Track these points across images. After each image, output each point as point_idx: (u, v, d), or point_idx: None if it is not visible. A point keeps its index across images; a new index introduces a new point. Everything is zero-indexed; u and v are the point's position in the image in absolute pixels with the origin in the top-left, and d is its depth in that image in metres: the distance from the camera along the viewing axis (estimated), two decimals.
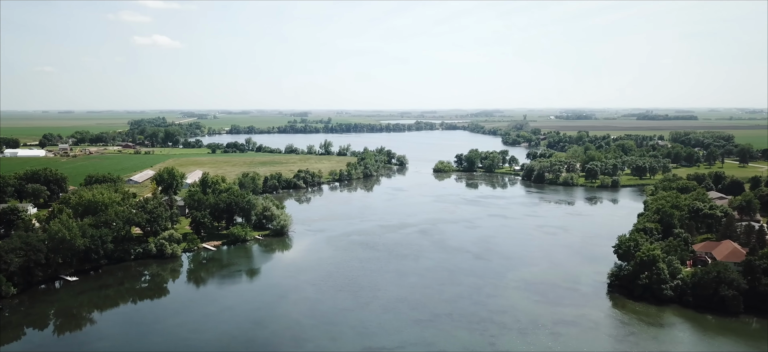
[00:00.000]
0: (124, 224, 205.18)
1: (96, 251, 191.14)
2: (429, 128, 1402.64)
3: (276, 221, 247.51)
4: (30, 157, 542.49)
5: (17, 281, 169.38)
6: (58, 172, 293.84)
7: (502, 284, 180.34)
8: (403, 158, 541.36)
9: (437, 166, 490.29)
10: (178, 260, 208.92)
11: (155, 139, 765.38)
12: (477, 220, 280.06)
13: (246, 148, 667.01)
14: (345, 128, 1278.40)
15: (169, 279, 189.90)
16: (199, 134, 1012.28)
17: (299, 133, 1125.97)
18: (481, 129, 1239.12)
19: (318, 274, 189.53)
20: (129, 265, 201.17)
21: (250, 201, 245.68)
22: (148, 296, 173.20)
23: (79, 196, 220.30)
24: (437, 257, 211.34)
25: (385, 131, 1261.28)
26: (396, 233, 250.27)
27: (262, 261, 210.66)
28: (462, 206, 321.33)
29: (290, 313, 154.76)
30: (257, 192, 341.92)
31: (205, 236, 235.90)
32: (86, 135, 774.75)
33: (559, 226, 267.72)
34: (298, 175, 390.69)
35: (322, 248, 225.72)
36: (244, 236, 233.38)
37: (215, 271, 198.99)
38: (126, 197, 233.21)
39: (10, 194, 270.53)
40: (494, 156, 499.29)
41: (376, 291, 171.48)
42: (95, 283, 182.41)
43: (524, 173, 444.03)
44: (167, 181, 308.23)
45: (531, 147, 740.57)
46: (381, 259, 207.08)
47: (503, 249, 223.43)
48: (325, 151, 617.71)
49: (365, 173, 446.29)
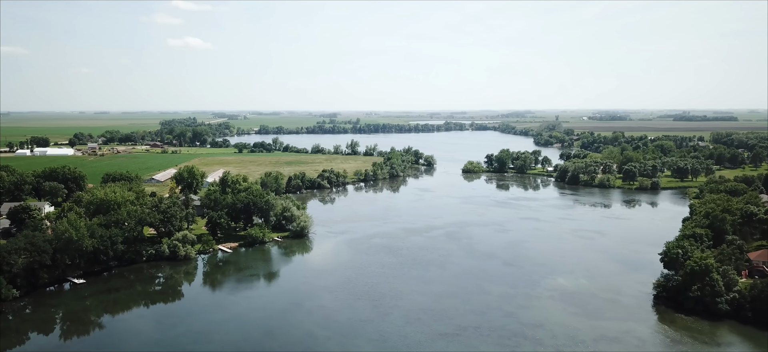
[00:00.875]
0: (136, 224, 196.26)
1: (105, 253, 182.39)
2: (458, 129, 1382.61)
3: (296, 223, 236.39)
4: (58, 156, 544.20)
5: (21, 284, 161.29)
6: (76, 171, 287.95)
7: (536, 293, 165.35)
8: (431, 158, 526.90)
9: (466, 167, 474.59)
10: (192, 262, 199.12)
11: (183, 139, 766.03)
12: (508, 223, 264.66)
13: (273, 147, 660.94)
14: (373, 129, 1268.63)
15: (179, 283, 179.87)
16: (227, 134, 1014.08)
17: (327, 134, 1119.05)
18: (512, 130, 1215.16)
19: (336, 279, 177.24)
20: (140, 267, 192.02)
21: (269, 201, 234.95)
22: (154, 301, 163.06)
23: (91, 194, 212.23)
24: (465, 262, 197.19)
25: (413, 132, 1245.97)
26: (421, 236, 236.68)
27: (278, 265, 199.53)
28: (492, 208, 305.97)
29: (304, 323, 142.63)
30: (280, 192, 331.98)
31: (222, 237, 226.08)
32: (116, 134, 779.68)
33: (595, 230, 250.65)
34: (322, 175, 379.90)
35: (343, 251, 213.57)
36: (261, 237, 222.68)
37: (228, 275, 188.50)
38: (140, 196, 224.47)
39: (27, 192, 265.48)
40: (526, 156, 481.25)
41: (398, 300, 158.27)
42: (102, 286, 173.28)
43: (558, 174, 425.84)
44: (187, 180, 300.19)
45: (564, 148, 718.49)
46: (404, 264, 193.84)
47: (536, 255, 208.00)
48: (352, 151, 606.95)
49: (391, 173, 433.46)
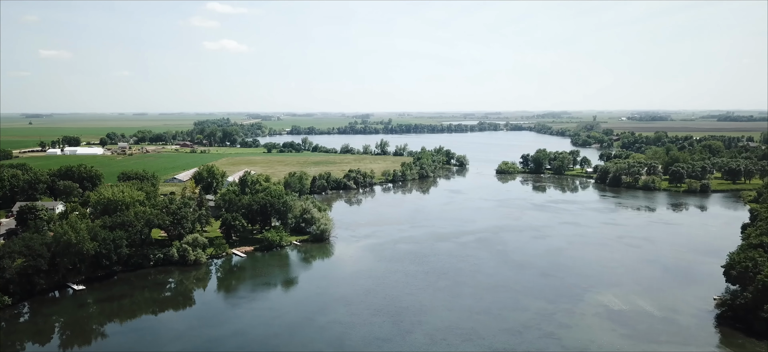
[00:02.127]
0: (143, 226, 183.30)
1: (108, 257, 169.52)
2: (493, 129, 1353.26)
3: (316, 225, 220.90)
4: (86, 155, 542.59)
5: (14, 290, 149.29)
6: (92, 169, 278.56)
7: (579, 310, 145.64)
8: (464, 158, 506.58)
9: (501, 168, 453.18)
10: (202, 267, 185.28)
11: (213, 139, 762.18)
12: (545, 228, 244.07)
13: (302, 147, 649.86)
14: (405, 129, 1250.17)
15: (184, 292, 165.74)
16: (259, 134, 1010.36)
17: (359, 134, 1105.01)
18: (548, 130, 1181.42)
19: (355, 290, 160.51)
20: (147, 272, 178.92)
21: (287, 202, 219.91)
22: (152, 311, 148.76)
23: (99, 194, 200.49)
24: (498, 273, 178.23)
25: (446, 132, 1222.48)
26: (450, 242, 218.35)
27: (293, 272, 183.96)
28: (528, 211, 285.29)
29: (314, 341, 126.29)
30: (304, 192, 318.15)
31: (238, 240, 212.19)
32: (147, 134, 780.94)
33: (643, 236, 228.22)
34: (349, 175, 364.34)
35: (364, 257, 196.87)
36: (278, 241, 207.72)
37: (238, 283, 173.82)
38: (151, 196, 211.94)
39: (42, 191, 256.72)
40: (564, 157, 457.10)
41: (422, 315, 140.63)
42: (101, 293, 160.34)
43: (598, 176, 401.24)
44: (206, 179, 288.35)
45: (603, 148, 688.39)
46: (431, 274, 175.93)
47: (578, 265, 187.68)
48: (381, 151, 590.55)
49: (421, 174, 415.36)
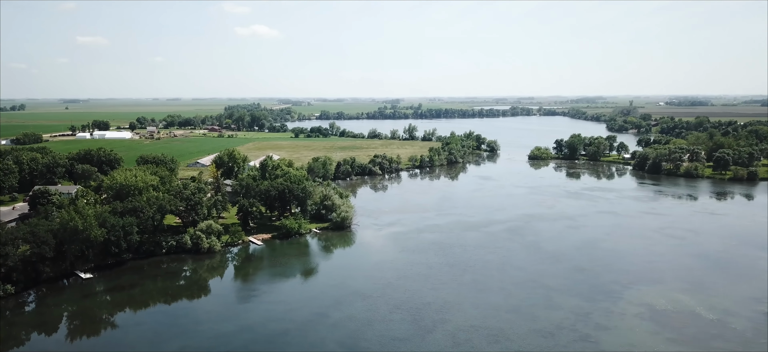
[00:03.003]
0: (155, 212, 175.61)
1: (117, 244, 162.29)
2: (525, 114, 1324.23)
3: (337, 212, 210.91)
4: (114, 139, 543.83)
5: (17, 278, 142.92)
6: (112, 153, 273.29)
7: (618, 309, 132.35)
8: (495, 144, 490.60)
9: (533, 153, 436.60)
10: (216, 256, 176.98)
11: (242, 123, 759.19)
12: (580, 217, 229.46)
13: (329, 132, 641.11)
14: (435, 114, 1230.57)
15: (193, 282, 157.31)
16: (288, 119, 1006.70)
17: (388, 119, 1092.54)
18: (583, 115, 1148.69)
19: (373, 283, 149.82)
20: (159, 260, 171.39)
21: (306, 188, 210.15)
22: (156, 304, 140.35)
23: (111, 179, 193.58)
24: (529, 266, 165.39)
25: (477, 117, 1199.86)
26: (478, 231, 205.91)
27: (310, 262, 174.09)
28: (562, 199, 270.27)
29: (326, 340, 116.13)
30: (328, 178, 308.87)
31: (255, 227, 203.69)
32: (176, 118, 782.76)
33: (687, 228, 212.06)
34: (374, 160, 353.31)
35: (386, 247, 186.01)
36: (297, 229, 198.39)
37: (251, 273, 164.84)
38: (165, 181, 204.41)
39: (60, 175, 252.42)
40: (600, 142, 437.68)
41: (445, 313, 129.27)
42: (109, 282, 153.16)
43: (636, 162, 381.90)
44: (227, 164, 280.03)
45: (641, 134, 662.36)
46: (456, 266, 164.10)
47: (616, 258, 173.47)
48: (409, 136, 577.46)
49: (449, 160, 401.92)
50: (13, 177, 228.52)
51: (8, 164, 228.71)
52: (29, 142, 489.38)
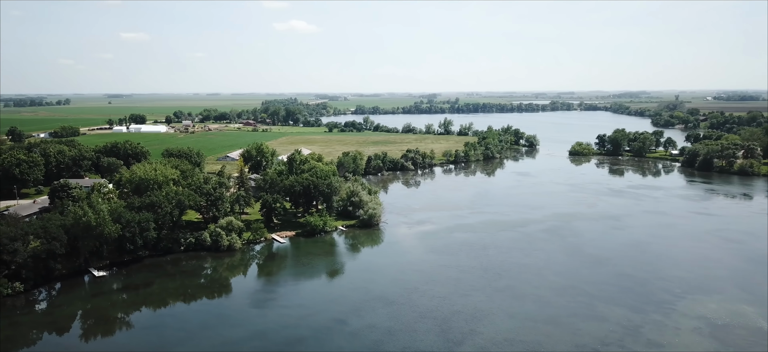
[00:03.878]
0: (173, 207, 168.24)
1: (132, 240, 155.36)
2: (566, 109, 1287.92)
3: (364, 209, 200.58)
4: (148, 133, 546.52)
5: (26, 275, 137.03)
6: (138, 146, 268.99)
7: (671, 322, 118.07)
8: (533, 139, 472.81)
9: (574, 149, 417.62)
10: (236, 254, 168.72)
11: (276, 118, 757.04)
12: (625, 217, 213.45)
13: (363, 127, 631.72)
14: (472, 108, 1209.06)
15: (208, 283, 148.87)
16: (323, 114, 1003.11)
17: (424, 114, 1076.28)
18: (626, 110, 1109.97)
19: (399, 287, 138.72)
20: (177, 258, 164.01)
21: (332, 184, 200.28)
22: (166, 304, 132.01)
23: (131, 172, 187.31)
24: (570, 270, 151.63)
25: (516, 112, 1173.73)
26: (515, 231, 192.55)
27: (333, 263, 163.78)
28: (605, 197, 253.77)
29: (342, 351, 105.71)
30: (358, 173, 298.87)
31: (279, 224, 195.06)
32: (212, 112, 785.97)
33: (744, 230, 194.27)
34: (406, 155, 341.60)
35: (415, 247, 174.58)
36: (321, 226, 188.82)
37: (270, 274, 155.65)
38: (187, 175, 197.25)
39: (86, 168, 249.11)
40: (646, 137, 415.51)
41: (476, 323, 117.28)
42: (121, 281, 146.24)
43: (685, 159, 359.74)
44: (255, 158, 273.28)
45: (688, 129, 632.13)
46: (489, 270, 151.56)
47: (666, 263, 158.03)
48: (445, 131, 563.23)
49: (486, 155, 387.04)
50: (39, 170, 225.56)
51: (33, 157, 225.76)
52: (67, 135, 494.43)
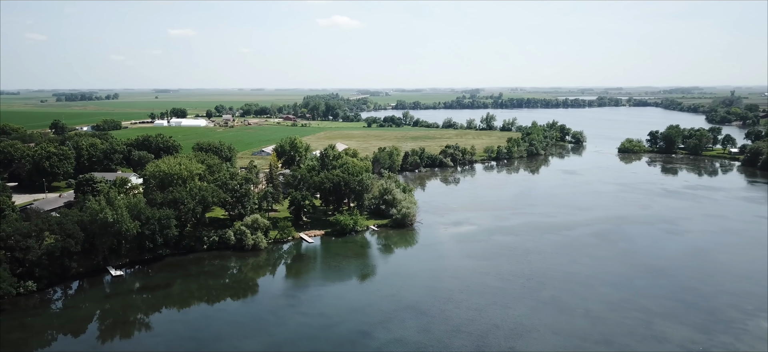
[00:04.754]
0: (196, 204, 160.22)
1: (152, 238, 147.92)
2: (614, 105, 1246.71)
3: (397, 208, 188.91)
4: (189, 126, 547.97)
5: (40, 274, 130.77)
6: (170, 139, 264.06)
7: (743, 343, 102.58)
8: (580, 135, 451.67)
9: (624, 146, 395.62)
10: (261, 254, 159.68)
11: (316, 113, 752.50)
12: (682, 221, 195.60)
13: (402, 122, 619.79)
14: (516, 104, 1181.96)
15: (228, 286, 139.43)
16: (364, 109, 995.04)
17: (466, 109, 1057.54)
18: (678, 106, 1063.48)
19: (432, 296, 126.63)
20: (199, 257, 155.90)
21: (363, 181, 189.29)
22: (179, 307, 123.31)
23: (155, 166, 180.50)
24: (623, 281, 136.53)
25: (561, 107, 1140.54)
26: (560, 234, 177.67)
27: (361, 266, 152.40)
28: (659, 198, 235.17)
29: None
30: (394, 169, 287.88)
31: (309, 222, 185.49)
32: (253, 107, 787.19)
33: None
34: (445, 151, 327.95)
35: (451, 251, 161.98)
36: (352, 225, 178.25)
37: (294, 276, 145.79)
38: (214, 170, 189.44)
39: (117, 162, 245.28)
40: (702, 134, 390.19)
41: (516, 339, 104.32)
42: (137, 281, 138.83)
43: (746, 157, 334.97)
44: (288, 152, 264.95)
45: (746, 126, 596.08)
46: (533, 278, 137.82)
47: (733, 275, 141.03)
48: (487, 126, 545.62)
49: (530, 151, 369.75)
50: (69, 163, 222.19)
51: (64, 150, 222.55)
52: (108, 128, 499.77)
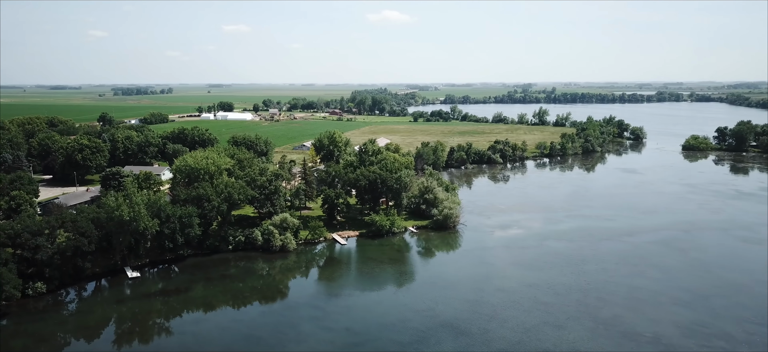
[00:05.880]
0: (221, 201, 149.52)
1: (171, 238, 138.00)
2: (674, 100, 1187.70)
3: (439, 209, 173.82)
4: (235, 120, 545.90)
5: (51, 275, 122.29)
6: (206, 133, 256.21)
7: None
8: (640, 131, 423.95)
9: (689, 143, 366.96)
10: (289, 256, 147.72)
11: (363, 107, 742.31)
12: (761, 227, 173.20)
13: (450, 116, 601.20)
14: (570, 99, 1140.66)
15: (249, 291, 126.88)
16: (411, 103, 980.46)
17: (517, 103, 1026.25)
18: (745, 101, 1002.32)
19: (473, 312, 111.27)
20: (224, 258, 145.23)
21: (402, 178, 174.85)
22: (189, 317, 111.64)
23: (182, 161, 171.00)
24: (696, 298, 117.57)
25: (618, 102, 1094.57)
26: (621, 241, 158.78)
27: (397, 274, 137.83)
28: (731, 201, 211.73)
29: None
30: (439, 166, 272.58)
31: (343, 222, 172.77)
32: (299, 102, 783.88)
33: None
34: (494, 147, 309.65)
35: (497, 258, 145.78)
36: (388, 226, 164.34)
37: (323, 282, 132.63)
38: (244, 165, 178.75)
39: (152, 155, 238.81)
40: None
41: None
42: (152, 284, 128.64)
43: None
44: (327, 147, 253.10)
45: None
46: (590, 293, 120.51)
47: None
48: (539, 121, 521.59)
49: (585, 148, 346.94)
50: (102, 156, 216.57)
51: (97, 143, 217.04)
52: (155, 121, 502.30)
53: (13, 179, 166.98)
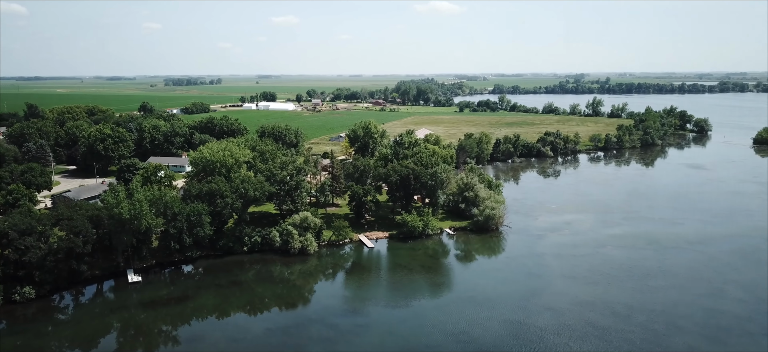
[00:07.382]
0: (235, 198, 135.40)
1: (178, 238, 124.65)
2: (738, 90, 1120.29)
3: (479, 208, 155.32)
4: (277, 111, 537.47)
5: (41, 278, 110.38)
6: (236, 122, 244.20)
7: None
8: (704, 123, 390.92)
9: (761, 136, 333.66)
10: (309, 260, 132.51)
11: (407, 97, 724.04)
12: None
13: (498, 106, 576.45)
14: (625, 89, 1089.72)
15: (256, 302, 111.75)
16: (458, 93, 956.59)
17: (569, 94, 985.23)
18: None
19: (514, 336, 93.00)
20: (237, 261, 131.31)
21: (437, 174, 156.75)
22: (191, 326, 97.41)
23: (198, 153, 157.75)
24: None
25: (677, 93, 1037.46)
26: (691, 250, 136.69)
27: (428, 285, 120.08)
28: None
29: None
30: (483, 160, 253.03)
31: (373, 221, 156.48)
32: (343, 92, 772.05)
33: None
34: (544, 139, 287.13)
35: (544, 268, 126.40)
36: (421, 228, 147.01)
37: (341, 294, 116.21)
38: (267, 158, 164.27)
39: (179, 145, 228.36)
40: None
41: None
42: (152, 291, 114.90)
43: None
44: (362, 139, 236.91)
45: None
46: (656, 313, 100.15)
47: None
48: (593, 112, 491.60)
49: (644, 141, 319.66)
50: (125, 146, 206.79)
51: (120, 132, 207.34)
52: (196, 111, 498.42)
53: (25, 169, 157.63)
